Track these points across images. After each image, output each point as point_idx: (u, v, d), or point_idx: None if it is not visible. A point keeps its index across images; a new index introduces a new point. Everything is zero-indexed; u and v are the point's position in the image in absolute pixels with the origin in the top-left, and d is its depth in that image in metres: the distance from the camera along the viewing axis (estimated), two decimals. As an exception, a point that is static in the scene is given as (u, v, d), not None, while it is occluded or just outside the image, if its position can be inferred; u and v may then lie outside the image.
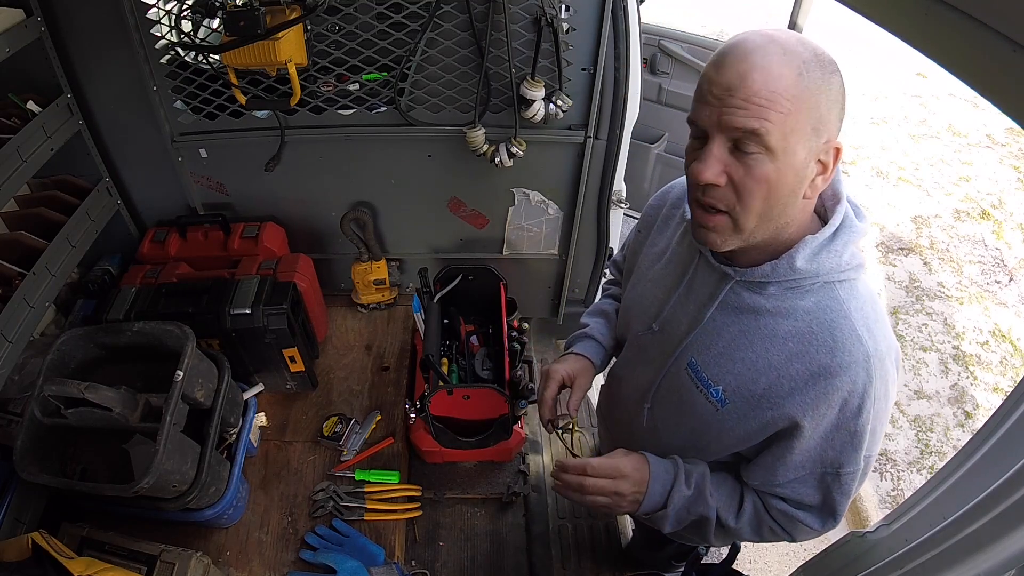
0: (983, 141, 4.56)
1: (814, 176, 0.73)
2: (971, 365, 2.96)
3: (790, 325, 0.79)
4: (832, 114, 0.70)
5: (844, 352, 0.76)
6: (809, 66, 0.67)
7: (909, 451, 2.61)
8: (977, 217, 3.84)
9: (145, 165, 1.71)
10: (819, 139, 0.70)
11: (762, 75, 0.67)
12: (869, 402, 0.77)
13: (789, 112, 0.67)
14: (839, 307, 0.77)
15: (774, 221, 0.75)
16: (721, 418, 0.86)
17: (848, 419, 0.78)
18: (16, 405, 1.32)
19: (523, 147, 1.58)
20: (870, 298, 0.80)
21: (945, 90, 5.12)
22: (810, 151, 0.70)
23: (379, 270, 1.85)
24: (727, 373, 0.84)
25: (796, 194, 0.73)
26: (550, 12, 1.39)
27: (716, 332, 0.85)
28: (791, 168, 0.70)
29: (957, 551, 0.63)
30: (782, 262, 0.77)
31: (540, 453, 1.77)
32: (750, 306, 0.81)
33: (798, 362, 0.78)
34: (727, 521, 0.92)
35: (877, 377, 0.76)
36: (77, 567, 1.00)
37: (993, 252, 3.59)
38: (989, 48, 0.53)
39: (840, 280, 0.78)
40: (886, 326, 0.80)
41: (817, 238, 0.76)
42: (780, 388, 0.80)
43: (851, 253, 0.78)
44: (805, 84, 0.67)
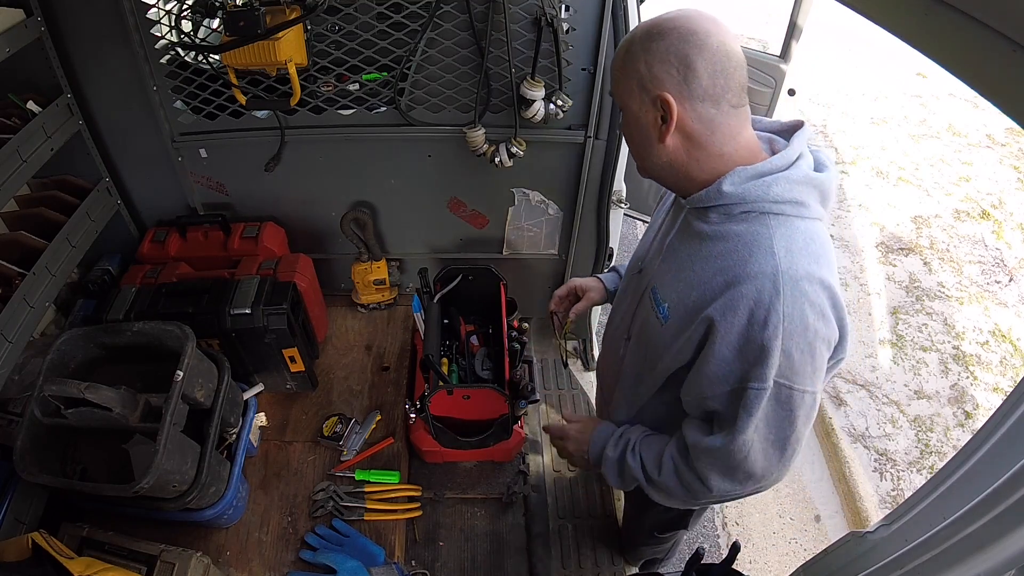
0: (983, 141, 4.56)
1: (657, 122, 0.87)
2: (971, 365, 2.96)
3: (722, 246, 0.88)
4: (656, 71, 0.85)
5: (754, 263, 0.83)
6: (635, 42, 0.86)
7: (909, 451, 2.60)
8: (977, 217, 3.84)
9: (145, 165, 1.71)
10: (647, 93, 0.86)
11: (613, 62, 0.92)
12: (776, 317, 0.81)
13: (620, 79, 0.90)
14: (766, 232, 0.84)
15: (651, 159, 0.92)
16: (663, 333, 0.96)
17: (756, 331, 0.83)
18: (16, 405, 1.31)
19: (523, 147, 1.58)
20: (807, 233, 0.85)
21: (945, 90, 5.12)
22: (642, 103, 0.88)
23: (379, 270, 1.85)
24: (672, 291, 0.95)
25: (648, 137, 0.90)
26: (550, 12, 1.39)
27: (673, 257, 0.98)
28: (632, 116, 0.90)
29: (957, 551, 0.63)
30: (712, 186, 0.88)
31: (540, 453, 1.77)
32: (697, 232, 0.92)
33: (720, 275, 0.87)
34: (652, 475, 1.03)
35: (787, 294, 0.81)
36: (77, 567, 1.00)
37: (993, 252, 3.59)
38: (989, 48, 0.53)
39: (775, 213, 0.86)
40: (815, 258, 0.84)
41: (747, 169, 0.86)
42: (704, 299, 0.88)
43: (785, 189, 0.85)
44: (628, 56, 0.87)
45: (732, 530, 2.37)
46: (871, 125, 4.76)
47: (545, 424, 1.21)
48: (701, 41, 0.83)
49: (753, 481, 0.94)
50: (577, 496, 1.69)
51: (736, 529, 2.38)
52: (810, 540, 2.35)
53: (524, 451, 1.68)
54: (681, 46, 0.83)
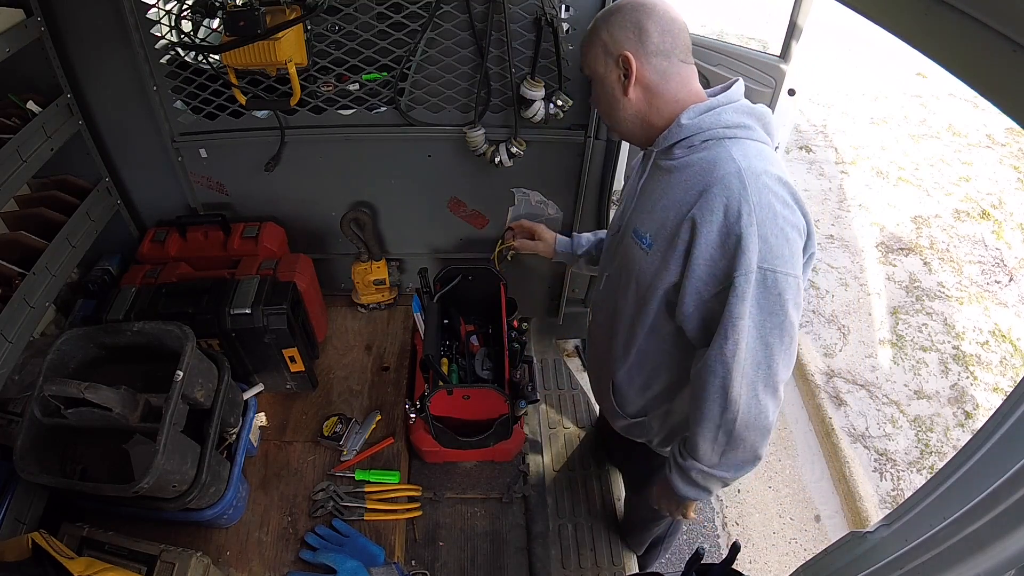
0: (983, 141, 4.56)
1: (622, 80, 1.04)
2: (971, 365, 2.96)
3: (689, 172, 1.01)
4: (616, 36, 1.03)
5: (719, 169, 0.95)
6: (597, 20, 1.06)
7: (909, 451, 2.60)
8: (977, 217, 3.84)
9: (145, 165, 1.71)
10: (610, 56, 1.04)
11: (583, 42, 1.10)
12: (748, 207, 0.92)
13: (586, 51, 1.08)
14: (724, 151, 0.97)
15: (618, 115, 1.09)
16: (650, 258, 1.06)
17: (732, 223, 0.93)
18: (16, 405, 1.32)
19: (523, 147, 1.58)
20: (758, 149, 0.98)
21: (945, 90, 5.12)
22: (607, 66, 1.05)
23: (379, 270, 1.85)
24: (650, 221, 1.06)
25: (615, 95, 1.07)
26: (550, 12, 1.39)
27: (646, 196, 1.11)
28: (599, 80, 1.08)
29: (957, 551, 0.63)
30: (672, 125, 1.03)
31: (540, 453, 1.77)
32: (664, 168, 1.06)
33: (692, 189, 0.98)
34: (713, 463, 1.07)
35: (752, 187, 0.92)
36: (77, 567, 1.00)
37: (993, 252, 3.59)
38: (989, 48, 0.53)
39: (729, 137, 0.99)
40: (768, 160, 0.96)
41: (698, 105, 1.02)
42: (680, 212, 0.99)
43: (735, 118, 0.99)
44: (593, 31, 1.06)
45: (732, 530, 2.37)
46: (871, 125, 4.76)
47: None
48: (650, 8, 1.01)
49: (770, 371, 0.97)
50: (577, 496, 1.69)
51: (736, 529, 2.38)
52: (810, 540, 2.35)
53: (524, 451, 1.68)
54: (634, 14, 1.01)
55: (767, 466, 2.58)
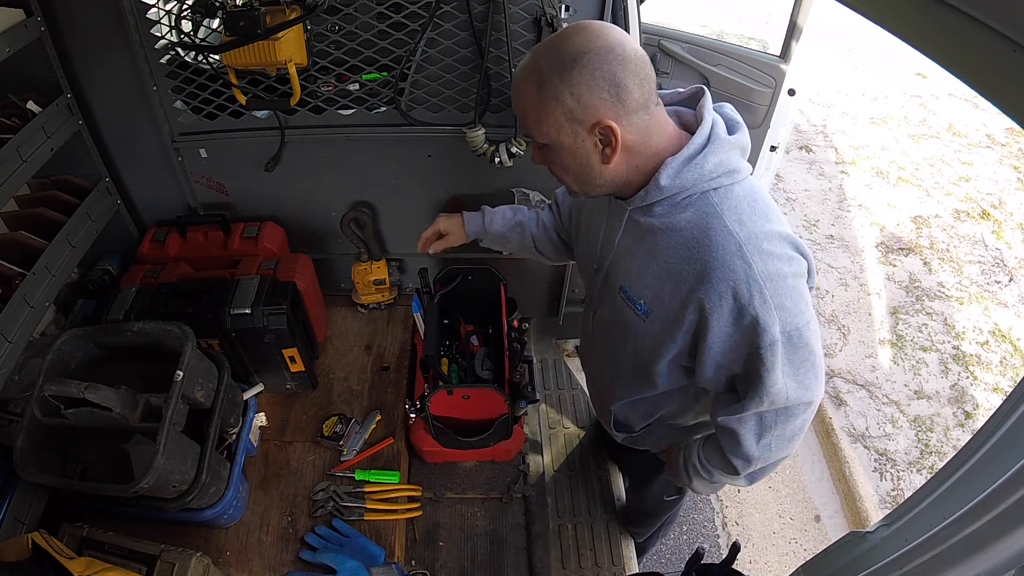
0: (983, 141, 4.56)
1: (600, 149, 0.89)
2: (971, 365, 2.96)
3: (678, 237, 0.91)
4: (584, 100, 0.84)
5: (718, 247, 0.86)
6: (548, 75, 0.84)
7: (909, 451, 2.61)
8: (977, 217, 3.84)
9: (145, 165, 1.71)
10: (581, 124, 0.86)
11: (518, 98, 0.91)
12: (758, 287, 0.85)
13: (539, 117, 0.88)
14: (713, 211, 0.88)
15: (591, 182, 0.94)
16: (647, 326, 0.99)
17: (746, 307, 0.86)
18: (16, 405, 1.31)
19: (523, 147, 1.58)
20: (747, 196, 0.89)
21: (945, 90, 5.12)
22: (575, 135, 0.88)
23: (379, 270, 1.85)
24: (644, 287, 0.97)
25: (588, 165, 0.91)
26: (550, 12, 1.39)
27: (631, 255, 1.00)
28: (566, 152, 0.90)
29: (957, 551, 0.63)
30: (651, 185, 0.91)
31: (540, 453, 1.77)
32: (647, 227, 0.95)
33: (688, 265, 0.90)
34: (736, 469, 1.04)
35: (756, 260, 0.85)
36: (77, 567, 1.00)
37: (993, 252, 3.59)
38: (989, 48, 0.53)
39: (714, 188, 0.89)
40: (765, 217, 0.88)
41: (676, 158, 0.89)
42: (680, 288, 0.91)
43: (716, 163, 0.88)
44: (546, 90, 0.85)
45: (732, 530, 2.37)
46: (871, 125, 4.76)
47: None
48: (620, 55, 0.83)
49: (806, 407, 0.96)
50: (577, 496, 1.69)
51: (736, 529, 2.38)
52: (810, 540, 2.35)
53: (524, 451, 1.68)
54: (605, 67, 0.82)
55: (767, 466, 2.57)
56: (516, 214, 1.39)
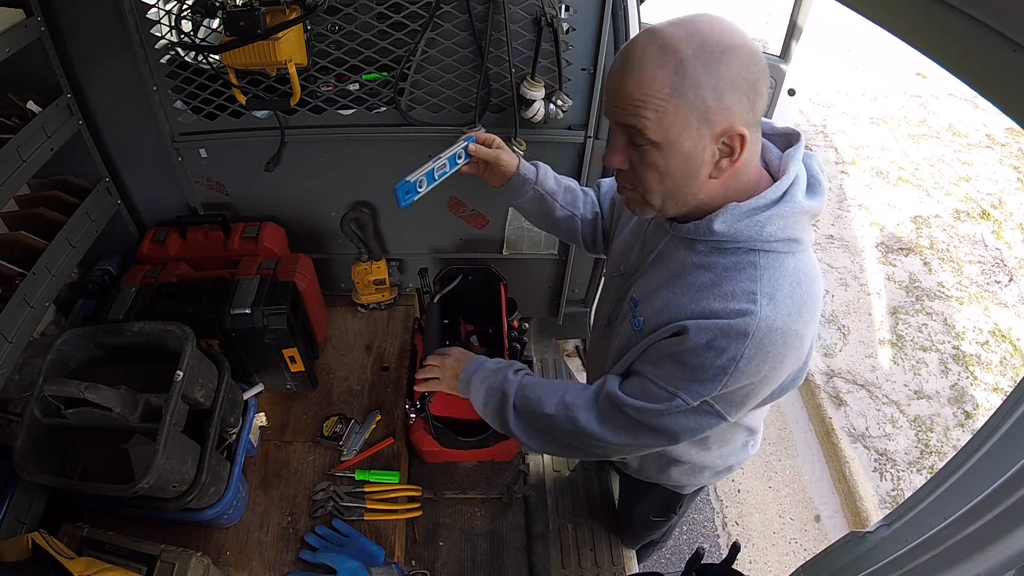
0: (983, 141, 4.56)
1: (717, 159, 0.78)
2: (971, 365, 2.96)
3: (706, 277, 0.85)
4: (725, 100, 0.73)
5: (734, 304, 0.80)
6: (688, 63, 0.71)
7: (909, 451, 2.61)
8: (977, 217, 3.84)
9: (145, 165, 1.71)
10: (710, 127, 0.75)
11: (635, 81, 0.74)
12: (734, 353, 0.79)
13: (665, 110, 0.74)
14: (752, 271, 0.81)
15: (680, 198, 0.83)
16: (636, 341, 0.95)
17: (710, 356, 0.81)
18: (16, 405, 1.31)
19: (523, 147, 1.58)
20: (794, 276, 0.81)
21: (945, 90, 5.12)
22: (700, 138, 0.76)
23: (379, 270, 1.85)
24: (648, 307, 0.93)
25: (694, 177, 0.80)
26: (550, 12, 1.39)
27: (654, 275, 0.95)
28: (679, 156, 0.77)
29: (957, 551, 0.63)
30: (703, 223, 0.83)
31: (540, 453, 1.77)
32: (680, 259, 0.89)
33: (695, 304, 0.84)
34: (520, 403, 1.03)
35: (753, 342, 0.78)
36: (77, 567, 1.00)
37: (993, 252, 3.59)
38: (989, 48, 0.53)
39: (766, 250, 0.81)
40: (799, 307, 0.80)
41: (740, 207, 0.81)
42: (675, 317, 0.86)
43: (779, 228, 0.80)
44: (684, 81, 0.72)
45: (732, 530, 2.37)
46: (871, 125, 4.76)
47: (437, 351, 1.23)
48: (762, 60, 0.74)
49: (620, 447, 0.96)
50: (577, 496, 1.69)
51: (736, 529, 2.38)
52: (810, 540, 2.35)
53: (524, 451, 1.68)
54: (752, 68, 0.73)
55: (767, 466, 2.58)
56: (568, 180, 1.29)
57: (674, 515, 1.43)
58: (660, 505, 1.39)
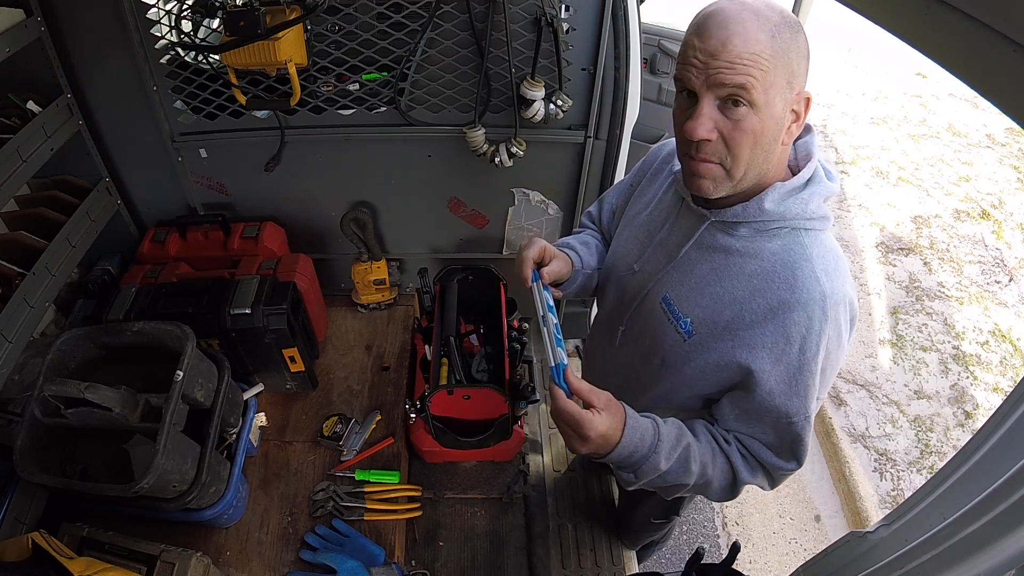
0: (983, 141, 4.55)
1: (790, 124, 0.82)
2: (971, 365, 2.96)
3: (756, 264, 0.86)
4: (801, 67, 0.79)
5: (803, 290, 0.82)
6: (779, 28, 0.76)
7: (909, 451, 2.60)
8: (977, 217, 3.84)
9: (145, 165, 1.71)
10: (792, 91, 0.79)
11: (742, 39, 0.76)
12: (823, 342, 0.83)
13: (768, 69, 0.76)
14: (802, 251, 0.84)
15: (758, 167, 0.84)
16: (688, 349, 0.92)
17: (808, 358, 0.83)
18: (16, 405, 1.32)
19: (523, 147, 1.58)
20: (833, 250, 0.87)
21: (945, 90, 5.12)
22: (786, 102, 0.79)
23: (379, 270, 1.85)
24: (696, 306, 0.91)
25: (776, 140, 0.82)
26: (550, 12, 1.39)
27: (690, 269, 0.93)
28: (772, 118, 0.79)
29: (957, 551, 0.63)
30: (752, 203, 0.85)
31: (540, 453, 1.77)
32: (722, 246, 0.89)
33: (760, 297, 0.85)
34: (709, 478, 0.94)
35: (831, 318, 0.82)
36: (77, 567, 1.00)
37: (993, 252, 3.59)
38: (989, 48, 0.53)
39: (807, 228, 0.85)
40: (845, 277, 0.86)
41: (787, 185, 0.85)
42: (742, 320, 0.86)
43: (817, 205, 0.85)
44: (778, 44, 0.76)
45: (732, 530, 2.37)
46: (871, 125, 4.76)
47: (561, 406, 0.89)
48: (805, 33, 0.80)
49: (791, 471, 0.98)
50: (577, 496, 1.69)
51: (736, 529, 2.38)
52: (810, 540, 2.35)
53: (524, 451, 1.68)
54: (806, 42, 0.80)
55: (767, 466, 2.58)
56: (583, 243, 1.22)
57: (675, 516, 1.44)
58: (660, 508, 1.39)
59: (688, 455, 0.92)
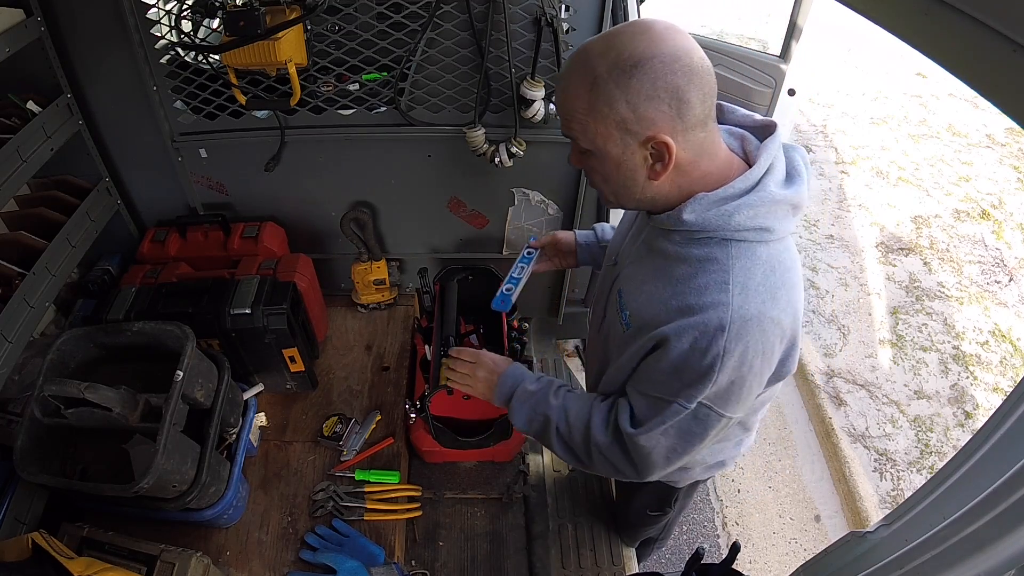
0: (983, 141, 4.56)
1: (652, 164, 0.82)
2: (971, 365, 2.96)
3: (683, 269, 0.87)
4: (642, 111, 0.77)
5: (708, 296, 0.82)
6: (604, 79, 0.77)
7: (909, 451, 2.60)
8: (977, 217, 3.84)
9: (145, 165, 1.71)
10: (634, 136, 0.80)
11: (563, 94, 0.83)
12: (716, 350, 0.80)
13: (587, 123, 0.81)
14: (724, 261, 0.83)
15: (628, 196, 0.89)
16: (625, 339, 0.96)
17: (695, 358, 0.82)
18: (16, 405, 1.32)
19: (523, 147, 1.58)
20: (767, 263, 0.83)
21: (945, 90, 5.12)
22: (626, 147, 0.81)
23: (379, 270, 1.85)
24: (634, 301, 0.95)
25: (631, 179, 0.85)
26: (550, 12, 1.39)
27: (639, 267, 0.97)
28: (610, 161, 0.84)
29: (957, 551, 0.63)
30: (673, 213, 0.86)
31: (540, 453, 1.77)
32: (661, 249, 0.92)
33: (675, 300, 0.86)
34: (560, 426, 1.02)
35: (732, 332, 0.80)
36: (77, 567, 1.00)
37: (993, 252, 3.59)
38: (989, 48, 0.53)
39: (737, 240, 0.83)
40: (772, 294, 0.82)
41: (711, 196, 0.83)
42: (658, 319, 0.87)
43: (748, 217, 0.82)
44: (598, 96, 0.78)
45: (732, 530, 2.37)
46: (871, 125, 4.76)
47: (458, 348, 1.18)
48: (687, 65, 0.75)
49: (639, 473, 0.97)
50: (577, 496, 1.69)
51: (736, 529, 2.38)
52: (810, 540, 2.35)
53: (524, 451, 1.68)
54: (670, 78, 0.75)
55: (767, 466, 2.58)
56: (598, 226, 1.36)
57: (670, 509, 1.44)
58: (655, 500, 1.39)
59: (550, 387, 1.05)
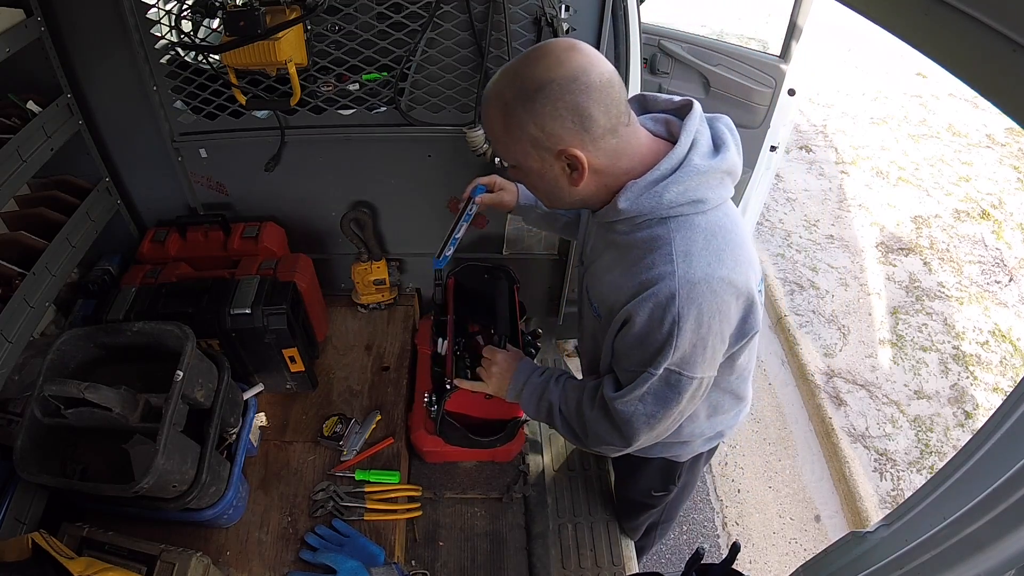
0: (983, 141, 4.56)
1: (568, 173, 0.91)
2: (971, 365, 2.96)
3: (633, 253, 0.94)
4: (550, 129, 0.86)
5: (655, 269, 0.89)
6: (512, 105, 0.86)
7: (909, 451, 2.60)
8: (977, 217, 3.84)
9: (145, 165, 1.71)
10: (548, 151, 0.88)
11: (485, 119, 0.94)
12: (671, 317, 0.88)
13: (506, 142, 0.91)
14: (666, 236, 0.90)
15: (565, 200, 0.98)
16: (600, 326, 1.05)
17: (654, 328, 0.90)
18: (16, 405, 1.32)
19: (523, 147, 1.57)
20: (706, 230, 0.90)
21: (945, 90, 5.12)
22: (543, 160, 0.90)
23: (379, 270, 1.85)
24: (598, 292, 1.04)
25: (558, 186, 0.94)
26: (550, 12, 1.39)
27: (599, 262, 1.05)
28: (534, 173, 0.93)
29: (957, 551, 0.63)
30: (609, 206, 0.94)
31: (540, 453, 1.77)
32: (612, 241, 1.00)
33: (630, 280, 0.93)
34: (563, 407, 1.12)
35: (682, 297, 0.87)
36: (77, 567, 1.00)
37: (993, 252, 3.59)
38: (989, 48, 0.53)
39: (673, 216, 0.91)
40: (717, 255, 0.89)
41: (638, 183, 0.90)
42: (619, 300, 0.95)
43: (678, 193, 0.89)
44: (511, 119, 0.87)
45: (732, 530, 2.37)
46: (871, 125, 4.76)
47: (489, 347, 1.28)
48: (584, 83, 0.83)
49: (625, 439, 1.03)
50: (577, 496, 1.69)
51: (736, 529, 2.38)
52: (810, 540, 2.35)
53: (524, 451, 1.68)
54: (569, 97, 0.83)
55: (767, 466, 2.58)
56: None
57: (673, 486, 1.44)
58: (659, 478, 1.40)
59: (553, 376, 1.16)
